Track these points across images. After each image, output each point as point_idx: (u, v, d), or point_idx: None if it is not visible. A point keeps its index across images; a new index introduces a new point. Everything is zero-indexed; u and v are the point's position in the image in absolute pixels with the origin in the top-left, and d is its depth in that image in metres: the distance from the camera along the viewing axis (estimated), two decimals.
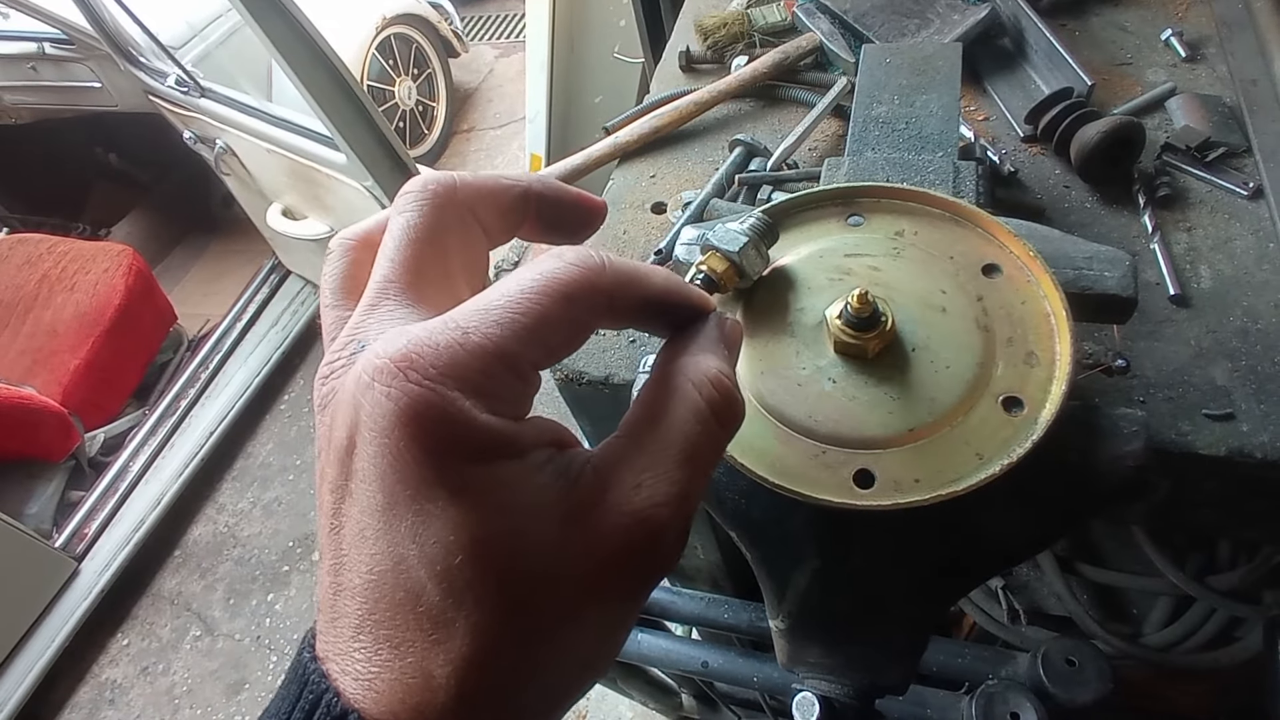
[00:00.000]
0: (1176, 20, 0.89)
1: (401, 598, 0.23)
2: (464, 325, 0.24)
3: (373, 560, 0.23)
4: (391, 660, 0.23)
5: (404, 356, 0.23)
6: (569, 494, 0.24)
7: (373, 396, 0.23)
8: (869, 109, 0.69)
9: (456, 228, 0.29)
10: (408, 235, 0.28)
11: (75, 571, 2.38)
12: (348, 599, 0.24)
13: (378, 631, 0.23)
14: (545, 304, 0.25)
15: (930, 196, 0.43)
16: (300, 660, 0.24)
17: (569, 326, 0.26)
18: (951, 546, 0.37)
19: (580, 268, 0.26)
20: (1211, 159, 0.74)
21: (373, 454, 0.23)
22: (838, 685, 0.46)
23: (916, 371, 0.37)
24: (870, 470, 0.35)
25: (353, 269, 0.30)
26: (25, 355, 2.54)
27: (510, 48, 4.46)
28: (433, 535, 0.22)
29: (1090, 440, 0.37)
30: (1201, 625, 1.00)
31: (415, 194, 0.29)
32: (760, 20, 0.98)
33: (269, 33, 1.56)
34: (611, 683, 1.31)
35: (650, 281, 0.28)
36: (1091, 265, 0.42)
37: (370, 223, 0.31)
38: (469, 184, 0.29)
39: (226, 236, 3.46)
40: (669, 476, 0.25)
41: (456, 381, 0.23)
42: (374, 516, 0.23)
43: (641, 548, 0.25)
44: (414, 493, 0.23)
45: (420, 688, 0.22)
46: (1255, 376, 0.60)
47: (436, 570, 0.22)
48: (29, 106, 2.97)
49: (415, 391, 0.22)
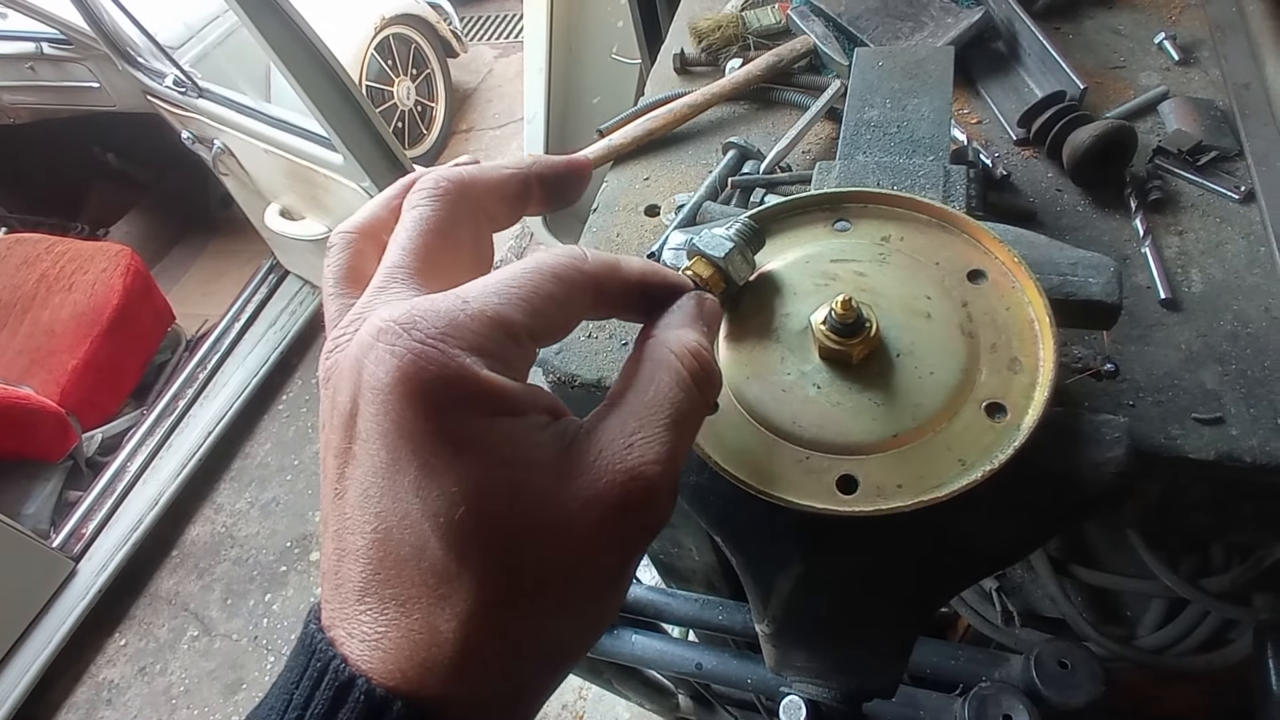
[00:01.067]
0: (1170, 24, 0.89)
1: (406, 553, 0.23)
2: (464, 295, 0.25)
3: (377, 519, 0.24)
4: (397, 618, 0.23)
5: (407, 318, 0.24)
6: (566, 453, 0.25)
7: (376, 354, 0.24)
8: (861, 112, 0.69)
9: (466, 221, 0.31)
10: (420, 226, 0.29)
11: (73, 571, 2.38)
12: (351, 562, 0.24)
13: (383, 591, 0.23)
14: (539, 281, 0.27)
15: (917, 202, 0.43)
16: (307, 631, 0.25)
17: (563, 304, 0.28)
18: (935, 552, 0.37)
19: (567, 256, 0.28)
20: (1203, 163, 0.74)
21: (375, 412, 0.24)
22: (825, 689, 0.46)
23: (901, 377, 0.37)
24: (854, 476, 0.35)
25: (355, 259, 0.31)
26: (23, 355, 2.54)
27: (509, 48, 4.46)
28: (436, 488, 0.23)
29: (1073, 446, 0.37)
30: (1195, 628, 1.00)
31: (429, 190, 0.30)
32: (755, 23, 0.98)
33: (266, 34, 1.56)
34: (607, 684, 1.31)
35: (629, 268, 0.31)
36: (1076, 271, 0.42)
37: (367, 214, 0.33)
38: (478, 179, 0.32)
39: (225, 236, 3.47)
40: (658, 437, 0.27)
41: (458, 339, 0.24)
42: (378, 475, 0.24)
43: (637, 501, 0.26)
44: (416, 446, 0.23)
45: (427, 643, 0.23)
46: (1245, 380, 0.60)
47: (440, 523, 0.23)
48: (27, 106, 2.97)
49: (417, 348, 0.23)
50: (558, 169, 0.34)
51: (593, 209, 0.89)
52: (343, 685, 0.23)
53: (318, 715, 0.23)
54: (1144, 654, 1.02)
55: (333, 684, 0.23)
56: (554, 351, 0.74)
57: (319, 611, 0.25)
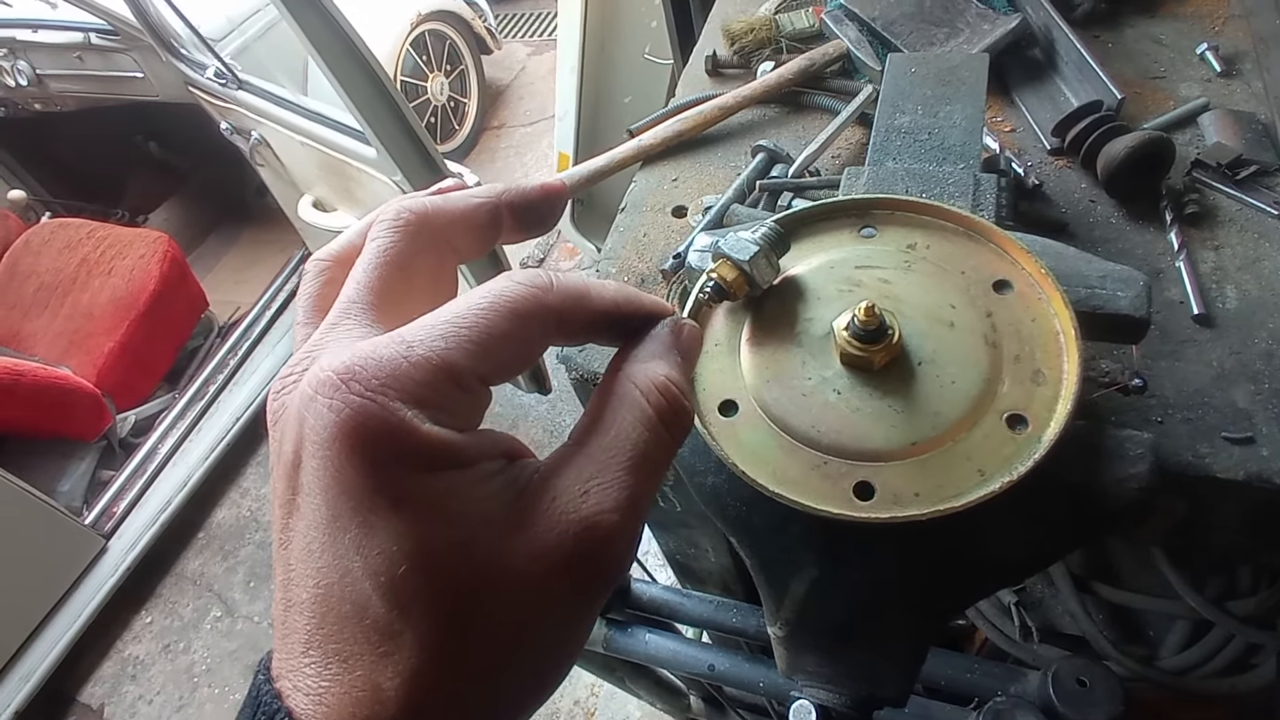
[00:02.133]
0: (1212, 34, 0.87)
1: (348, 611, 0.23)
2: (409, 340, 0.24)
3: (319, 574, 0.23)
4: (340, 674, 0.23)
5: (346, 369, 0.23)
6: (516, 502, 0.25)
7: (315, 409, 0.23)
8: (892, 118, 0.68)
9: (427, 253, 0.30)
10: (378, 259, 0.29)
11: (103, 549, 2.44)
12: (296, 614, 0.24)
13: (326, 646, 0.23)
14: (492, 319, 0.25)
15: (943, 210, 0.43)
16: (255, 681, 0.25)
17: (517, 343, 0.26)
18: (950, 561, 0.37)
19: (528, 286, 0.26)
20: (1243, 177, 0.72)
21: (316, 467, 0.23)
22: (835, 694, 0.46)
23: (922, 385, 0.37)
24: (870, 482, 0.35)
25: (325, 289, 0.31)
26: (63, 337, 2.61)
27: (543, 45, 4.49)
28: (376, 546, 0.23)
29: (1095, 461, 0.37)
30: (1219, 651, 0.98)
31: (389, 221, 0.30)
32: (788, 26, 0.98)
33: (305, 28, 1.59)
34: (620, 681, 1.31)
35: (599, 296, 0.29)
36: (1105, 284, 0.41)
37: (344, 242, 0.32)
38: (441, 211, 0.31)
39: (259, 226, 3.53)
40: (617, 482, 0.26)
41: (399, 393, 0.23)
42: (319, 530, 0.23)
43: (589, 554, 0.25)
44: (357, 504, 0.23)
45: (369, 700, 0.22)
46: (1278, 401, 0.59)
47: (381, 581, 0.22)
48: (74, 95, 3.05)
49: (356, 403, 0.23)
50: (529, 196, 0.33)
51: (620, 208, 0.89)
52: None
53: None
54: (1165, 675, 1.00)
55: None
56: (577, 350, 0.75)
57: (269, 660, 0.25)
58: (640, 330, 0.30)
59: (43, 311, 2.67)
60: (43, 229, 2.84)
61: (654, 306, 0.31)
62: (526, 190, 0.33)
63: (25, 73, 2.95)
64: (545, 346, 0.28)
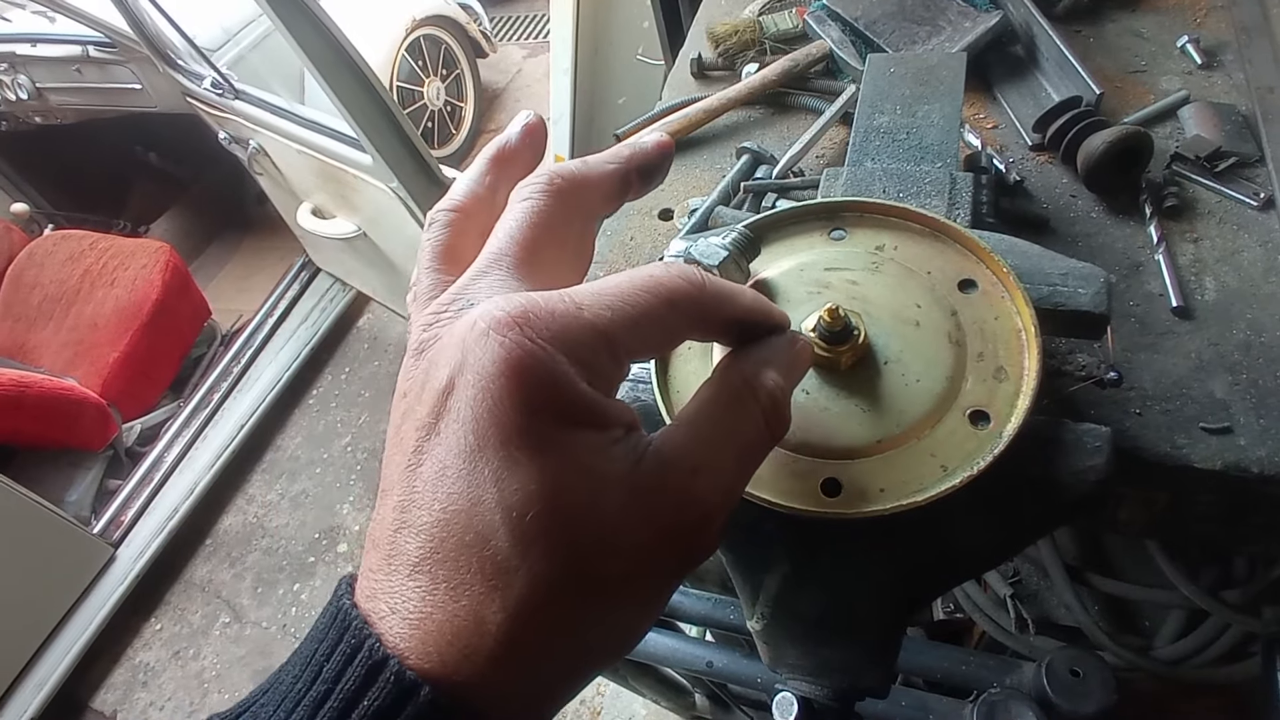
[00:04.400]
0: (1194, 26, 0.88)
1: (471, 539, 0.23)
2: (579, 301, 0.26)
3: (449, 499, 0.24)
4: (446, 601, 0.23)
5: (523, 313, 0.24)
6: (636, 468, 0.26)
7: (486, 343, 0.24)
8: (871, 119, 0.69)
9: (575, 218, 0.32)
10: (530, 219, 0.30)
11: (112, 557, 2.47)
12: (410, 536, 0.24)
13: (436, 571, 0.24)
14: (651, 302, 0.27)
15: (910, 212, 0.44)
16: (340, 606, 0.25)
17: (665, 329, 0.28)
18: (916, 554, 0.37)
19: (686, 281, 0.28)
20: (1222, 169, 0.73)
21: (472, 396, 0.24)
22: (817, 686, 0.47)
23: (887, 384, 0.38)
24: (838, 479, 0.36)
25: (454, 238, 0.32)
26: (67, 348, 2.63)
27: (538, 48, 4.50)
28: (515, 482, 0.23)
29: (1055, 454, 0.37)
30: (1214, 640, 0.98)
31: (542, 184, 0.31)
32: (772, 27, 0.99)
33: (298, 37, 1.60)
34: (623, 680, 1.32)
35: (740, 301, 0.31)
36: (1066, 282, 0.42)
37: (465, 192, 0.34)
38: (587, 176, 0.32)
39: (260, 234, 3.55)
40: (724, 468, 0.28)
41: (565, 347, 0.24)
42: (459, 456, 0.24)
43: (692, 527, 0.27)
44: (505, 438, 0.24)
45: (471, 631, 0.23)
46: (1256, 390, 0.60)
47: (512, 517, 0.23)
48: (73, 107, 3.07)
49: (528, 346, 0.24)
50: (651, 158, 0.35)
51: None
52: (375, 665, 0.23)
53: (348, 692, 0.23)
54: (1160, 665, 1.01)
55: (366, 662, 0.23)
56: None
57: (352, 582, 0.26)
58: (758, 333, 0.32)
59: (47, 323, 2.70)
60: (46, 241, 2.87)
61: (780, 318, 0.33)
62: (648, 150, 0.35)
63: (25, 86, 2.98)
64: (686, 338, 0.30)
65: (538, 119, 0.36)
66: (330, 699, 0.23)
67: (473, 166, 0.35)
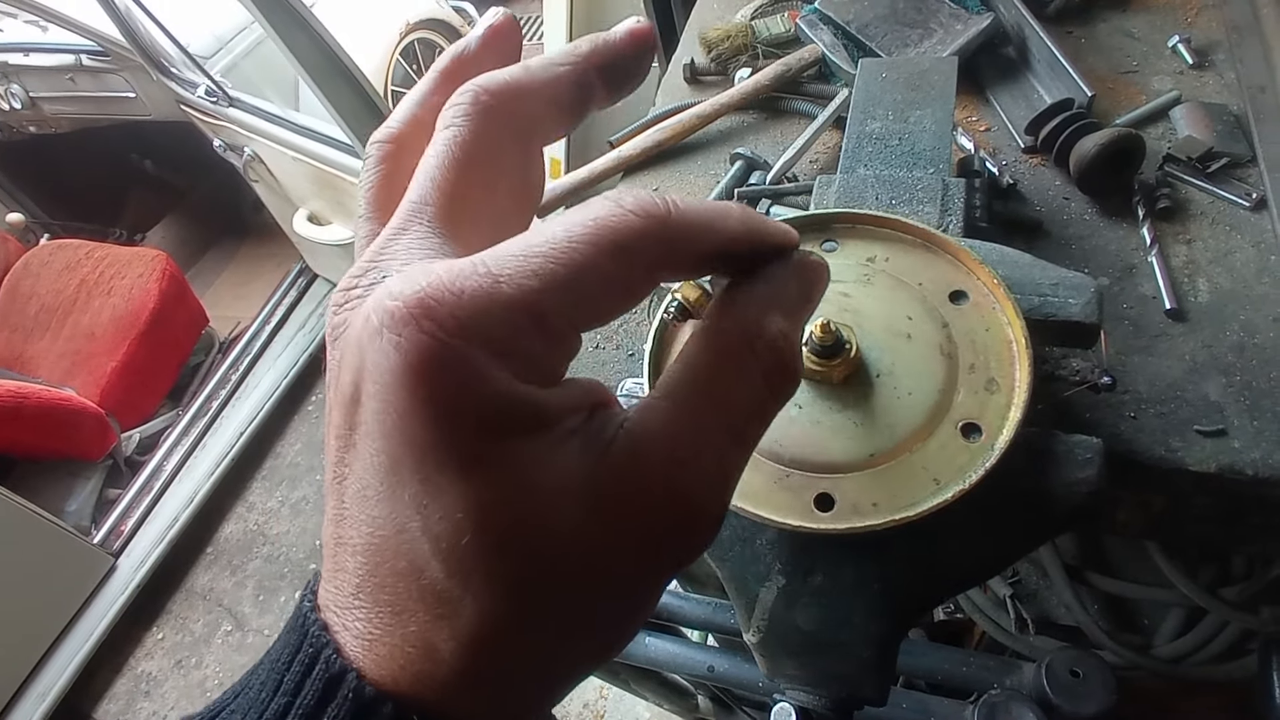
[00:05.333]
0: (1185, 26, 0.88)
1: (403, 567, 0.21)
2: (495, 272, 0.20)
3: (374, 523, 0.21)
4: (392, 626, 0.21)
5: (420, 302, 0.19)
6: (597, 467, 0.21)
7: (380, 345, 0.20)
8: (863, 125, 0.69)
9: (512, 141, 0.25)
10: (452, 153, 0.24)
11: (112, 567, 2.47)
12: (347, 554, 0.22)
13: (378, 595, 0.21)
14: (594, 256, 0.21)
15: (902, 223, 0.44)
16: (301, 610, 0.23)
17: (621, 285, 0.22)
18: (909, 568, 0.38)
19: (641, 216, 0.21)
20: (1214, 170, 0.73)
21: (377, 409, 0.20)
22: (816, 696, 0.47)
23: (879, 398, 0.38)
24: (831, 494, 0.36)
25: (389, 177, 0.27)
26: (65, 358, 2.63)
27: (534, 50, 4.49)
28: (439, 509, 0.20)
29: (1046, 466, 0.38)
30: (1214, 637, 0.98)
31: (464, 105, 0.25)
32: (764, 32, 0.99)
33: (289, 44, 1.60)
34: (625, 684, 1.32)
35: (724, 228, 0.23)
36: (1057, 292, 0.42)
37: (404, 117, 0.28)
38: (523, 86, 0.25)
39: (256, 240, 3.55)
40: (713, 451, 0.22)
41: (479, 337, 0.20)
42: (376, 476, 0.21)
43: (674, 531, 0.22)
44: (420, 458, 0.20)
45: (422, 657, 0.21)
46: (1250, 392, 0.60)
47: (441, 547, 0.20)
48: (68, 116, 3.07)
49: (428, 345, 0.19)
50: (619, 49, 0.27)
51: None
52: (333, 678, 0.21)
53: (307, 707, 0.21)
54: (1160, 663, 1.01)
55: (323, 675, 0.21)
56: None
57: (316, 585, 0.23)
58: (757, 263, 0.25)
59: (44, 333, 2.70)
60: (41, 251, 2.87)
61: (782, 237, 0.26)
62: (615, 42, 0.27)
63: (19, 96, 2.98)
64: (653, 286, 0.23)
65: (507, 18, 0.29)
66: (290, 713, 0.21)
67: (420, 83, 0.28)
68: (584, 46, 0.27)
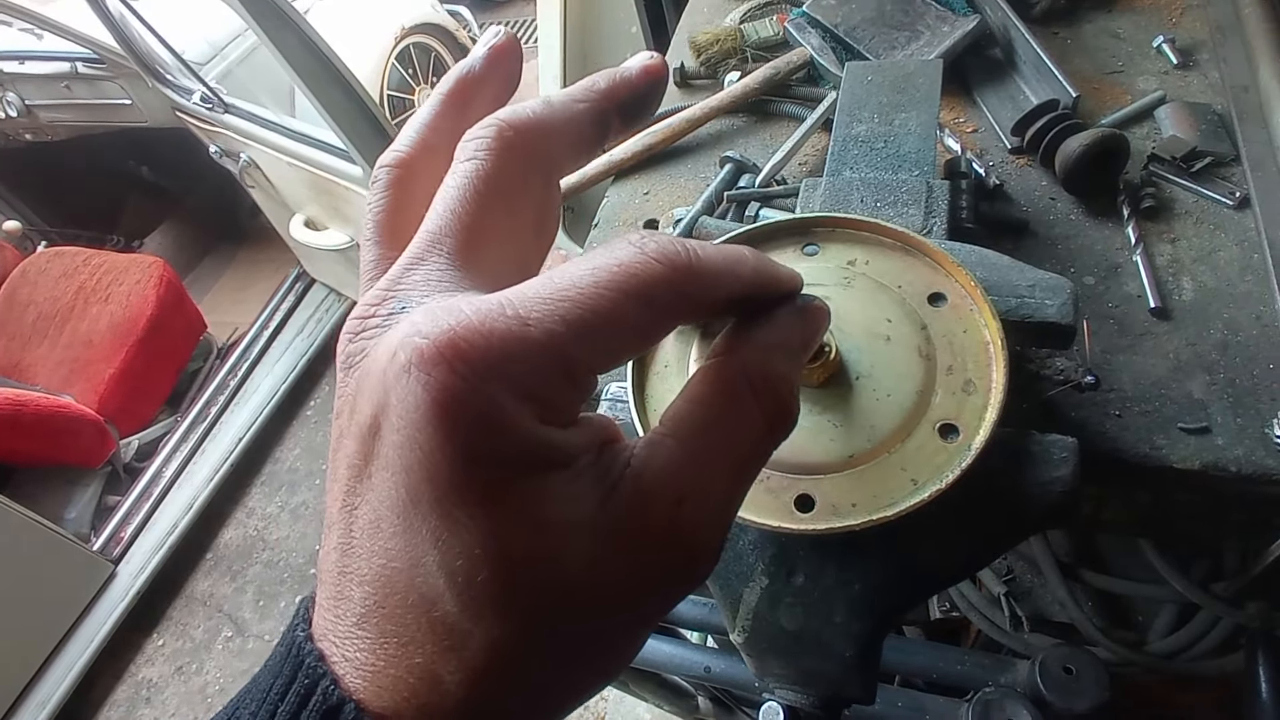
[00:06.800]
0: (1169, 26, 0.88)
1: (415, 600, 0.21)
2: (524, 315, 0.21)
3: (387, 555, 0.21)
4: (398, 657, 0.21)
5: (450, 343, 0.20)
6: (606, 503, 0.22)
7: (408, 383, 0.20)
8: (849, 128, 0.70)
9: (533, 176, 0.26)
10: (473, 186, 0.24)
11: (112, 574, 2.47)
12: (353, 585, 0.22)
13: (384, 625, 0.21)
14: (620, 304, 0.21)
15: (881, 227, 0.44)
16: (295, 639, 0.22)
17: (639, 331, 0.22)
18: (889, 567, 0.38)
19: (665, 265, 0.22)
20: (1198, 169, 0.74)
21: (400, 443, 0.20)
22: (803, 696, 0.48)
23: (859, 400, 0.39)
24: (811, 495, 0.37)
25: (399, 202, 0.27)
26: (63, 365, 2.64)
27: (529, 53, 4.49)
28: (457, 545, 0.20)
29: (1022, 465, 0.38)
30: (1207, 632, 0.99)
31: (485, 139, 0.25)
32: (753, 35, 0.99)
33: (283, 51, 1.61)
34: (624, 686, 1.33)
35: (740, 276, 0.25)
36: (1034, 293, 0.43)
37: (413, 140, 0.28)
38: (544, 122, 0.26)
39: (253, 246, 3.56)
40: (715, 489, 0.23)
41: (506, 380, 0.20)
42: (392, 511, 0.21)
43: (676, 565, 0.23)
44: (441, 495, 0.20)
45: (427, 690, 0.21)
46: (1233, 390, 0.60)
47: (457, 582, 0.20)
48: (64, 124, 3.08)
49: (458, 387, 0.20)
50: (636, 85, 0.28)
51: (594, 224, 0.91)
52: (331, 709, 0.21)
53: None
54: (1154, 659, 1.01)
55: (320, 706, 0.21)
56: None
57: (308, 612, 0.23)
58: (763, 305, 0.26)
59: (42, 341, 2.70)
60: (39, 258, 2.87)
61: (789, 282, 0.27)
62: (631, 78, 0.28)
63: (15, 104, 2.98)
64: (669, 331, 0.24)
65: (508, 38, 0.29)
66: None
67: (426, 104, 0.28)
68: (601, 83, 0.28)
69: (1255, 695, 0.76)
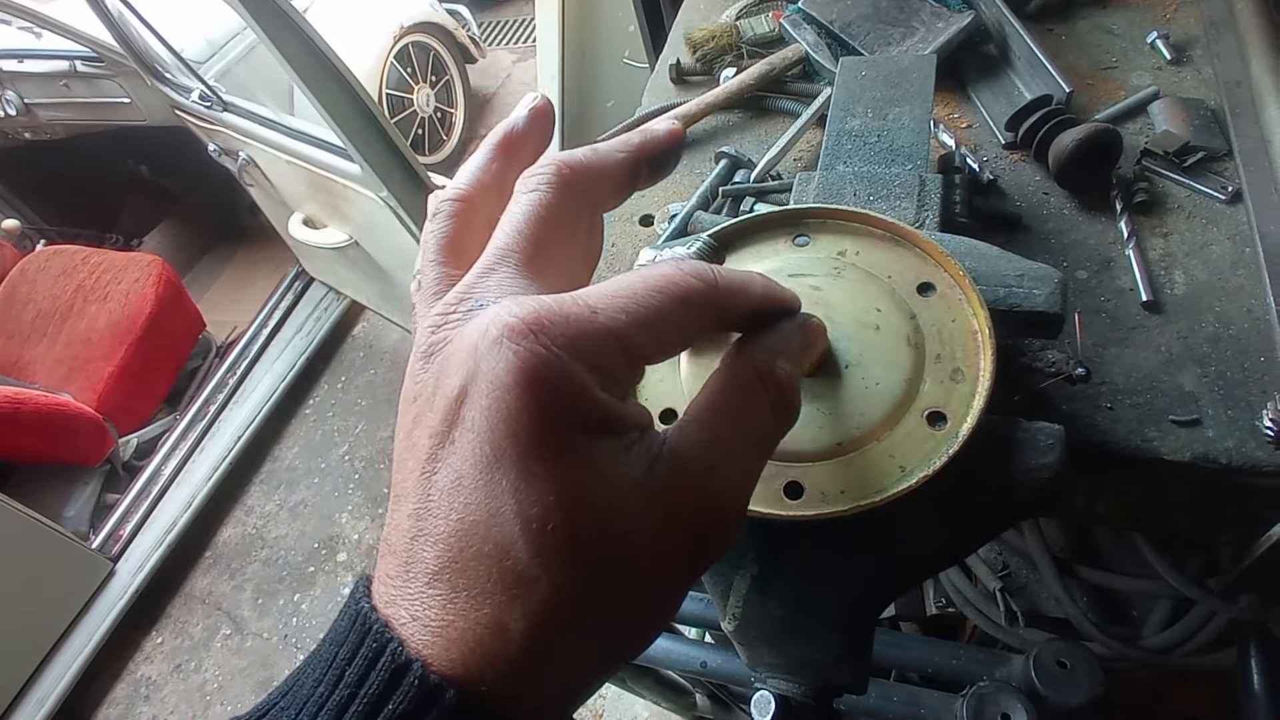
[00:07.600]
0: (1163, 22, 0.89)
1: (490, 550, 0.23)
2: (593, 305, 0.25)
3: (466, 509, 0.24)
4: (467, 609, 0.23)
5: (536, 319, 0.24)
6: (652, 468, 0.26)
7: (499, 352, 0.24)
8: (843, 122, 0.70)
9: (584, 210, 0.31)
10: (536, 211, 0.29)
11: (111, 572, 2.47)
12: (427, 545, 0.24)
13: (456, 580, 0.24)
14: (665, 303, 0.27)
15: (871, 217, 0.45)
16: (359, 610, 0.25)
17: (680, 330, 0.28)
18: (878, 553, 0.38)
19: (699, 280, 0.28)
20: (1190, 164, 0.74)
21: (486, 406, 0.24)
22: (794, 684, 0.48)
23: (848, 388, 0.39)
24: (799, 482, 0.37)
25: (459, 229, 0.31)
26: (62, 363, 2.64)
27: (527, 52, 4.51)
28: (534, 494, 0.23)
29: (1009, 452, 0.38)
30: (1202, 627, 0.99)
31: (547, 175, 0.30)
32: (749, 31, 1.00)
33: (281, 49, 1.61)
34: (621, 682, 1.33)
35: (752, 292, 0.31)
36: (1022, 283, 0.43)
37: (469, 180, 0.33)
38: (595, 167, 0.32)
39: (252, 244, 3.56)
40: (737, 464, 0.28)
41: (580, 354, 0.24)
42: (475, 467, 0.24)
43: (709, 526, 0.27)
44: (523, 450, 0.23)
45: (493, 638, 0.23)
46: (1224, 383, 0.61)
47: (531, 529, 0.23)
48: (63, 122, 3.08)
49: (542, 354, 0.23)
50: (663, 145, 0.34)
51: None
52: (399, 668, 0.23)
53: (372, 695, 0.23)
54: (1149, 654, 1.01)
55: (389, 666, 0.23)
56: None
57: (369, 584, 0.26)
58: (768, 320, 0.32)
59: (41, 339, 2.70)
60: (38, 257, 2.87)
61: (792, 301, 0.33)
62: (659, 138, 0.34)
63: (14, 102, 2.99)
64: (700, 337, 0.29)
65: (545, 102, 0.35)
66: (354, 703, 0.23)
67: (478, 153, 0.34)
68: (635, 139, 0.34)
69: (1247, 688, 0.76)
